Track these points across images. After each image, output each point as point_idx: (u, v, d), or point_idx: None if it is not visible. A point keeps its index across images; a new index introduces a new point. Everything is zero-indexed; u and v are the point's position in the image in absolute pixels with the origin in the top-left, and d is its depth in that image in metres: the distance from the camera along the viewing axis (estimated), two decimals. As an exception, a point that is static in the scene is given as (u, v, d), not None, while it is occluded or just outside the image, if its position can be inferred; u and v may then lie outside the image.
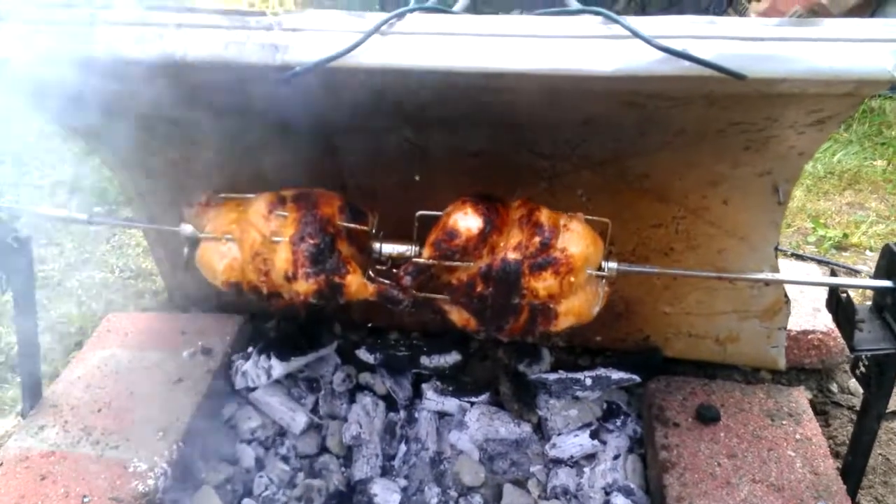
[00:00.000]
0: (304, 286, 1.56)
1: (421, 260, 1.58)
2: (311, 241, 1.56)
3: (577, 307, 1.53)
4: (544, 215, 1.56)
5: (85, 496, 1.79)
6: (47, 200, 3.69)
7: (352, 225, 1.62)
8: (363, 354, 2.32)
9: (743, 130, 1.58)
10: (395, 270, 1.63)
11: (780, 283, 1.95)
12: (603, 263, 1.59)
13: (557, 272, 1.51)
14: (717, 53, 1.24)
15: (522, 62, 1.27)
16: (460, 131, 1.70)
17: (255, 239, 1.62)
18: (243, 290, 1.63)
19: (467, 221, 1.52)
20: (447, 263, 1.55)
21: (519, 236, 1.55)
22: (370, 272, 1.64)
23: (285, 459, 2.13)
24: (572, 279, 1.51)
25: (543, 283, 1.51)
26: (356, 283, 1.58)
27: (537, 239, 1.53)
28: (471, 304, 1.56)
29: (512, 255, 1.53)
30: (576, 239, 1.54)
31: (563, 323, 1.53)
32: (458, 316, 1.62)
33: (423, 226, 1.61)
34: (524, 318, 1.55)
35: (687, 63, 1.23)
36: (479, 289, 1.54)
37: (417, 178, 1.87)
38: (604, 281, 1.58)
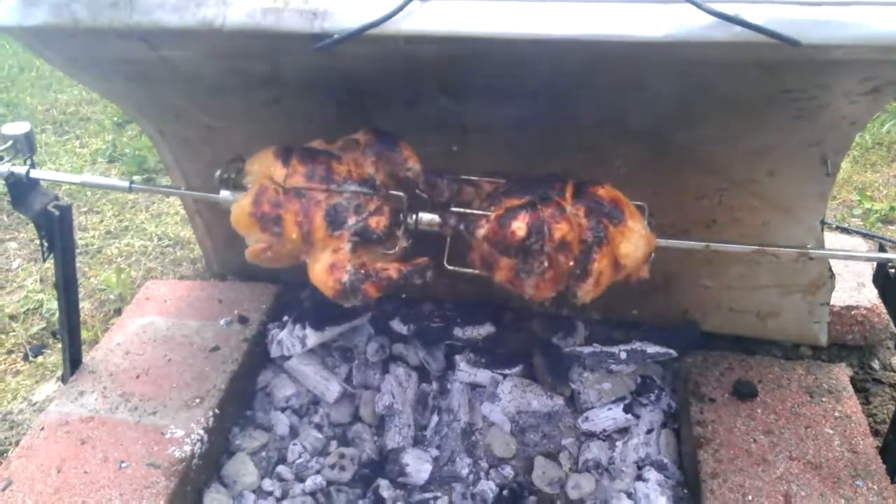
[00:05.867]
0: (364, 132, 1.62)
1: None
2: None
3: (636, 213, 1.56)
4: None
5: (123, 461, 1.82)
6: (88, 168, 3.74)
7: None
8: (397, 325, 2.33)
9: (793, 99, 1.53)
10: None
11: (828, 256, 1.89)
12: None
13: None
14: (770, 18, 1.19)
15: (568, 27, 1.23)
16: (499, 100, 1.67)
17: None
18: (290, 158, 1.61)
19: None
20: (487, 180, 1.64)
21: None
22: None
23: (319, 427, 2.15)
24: (619, 197, 1.58)
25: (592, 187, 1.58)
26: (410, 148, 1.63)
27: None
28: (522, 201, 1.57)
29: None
30: None
31: (629, 214, 1.55)
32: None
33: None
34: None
35: (739, 28, 1.18)
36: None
37: (455, 148, 1.85)
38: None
